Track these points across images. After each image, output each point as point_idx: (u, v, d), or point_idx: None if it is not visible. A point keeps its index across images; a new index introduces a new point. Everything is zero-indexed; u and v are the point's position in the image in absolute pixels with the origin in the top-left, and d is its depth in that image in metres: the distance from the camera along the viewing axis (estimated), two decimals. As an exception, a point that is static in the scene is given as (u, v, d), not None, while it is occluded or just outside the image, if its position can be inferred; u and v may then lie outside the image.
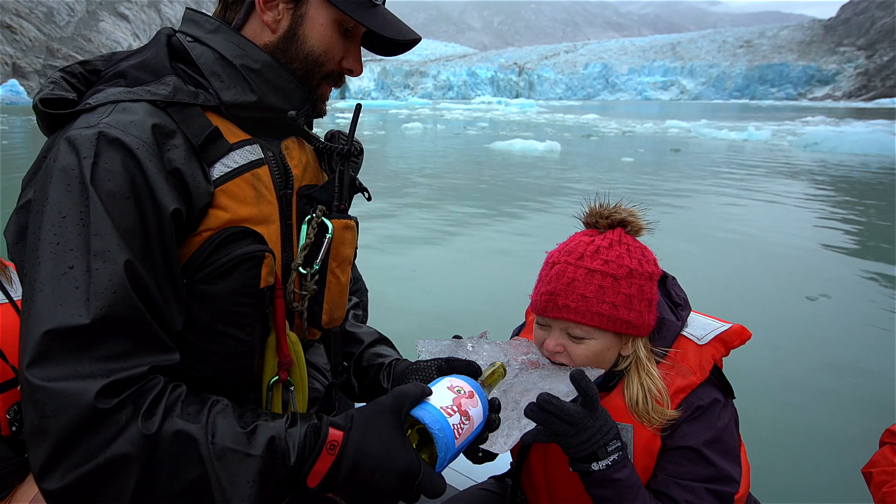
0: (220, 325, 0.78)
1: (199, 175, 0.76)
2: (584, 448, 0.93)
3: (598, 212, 1.09)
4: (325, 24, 0.85)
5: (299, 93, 0.88)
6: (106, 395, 0.64)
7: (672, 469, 1.00)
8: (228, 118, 0.83)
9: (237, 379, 0.83)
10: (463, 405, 0.76)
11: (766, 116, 49.44)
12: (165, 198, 0.71)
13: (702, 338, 1.05)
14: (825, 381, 3.60)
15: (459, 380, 0.80)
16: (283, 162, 0.88)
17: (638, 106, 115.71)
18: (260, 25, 0.86)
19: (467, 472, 1.61)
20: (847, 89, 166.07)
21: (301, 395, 0.90)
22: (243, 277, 0.77)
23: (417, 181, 12.02)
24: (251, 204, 0.80)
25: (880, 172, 13.69)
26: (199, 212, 0.76)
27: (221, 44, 0.84)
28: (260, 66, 0.84)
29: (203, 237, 0.76)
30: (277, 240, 0.84)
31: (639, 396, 1.00)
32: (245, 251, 0.77)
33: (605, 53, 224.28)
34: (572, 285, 1.01)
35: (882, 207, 9.47)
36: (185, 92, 0.79)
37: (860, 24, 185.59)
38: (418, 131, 28.23)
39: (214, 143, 0.79)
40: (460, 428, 0.74)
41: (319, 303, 0.90)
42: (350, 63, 0.90)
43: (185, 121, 0.77)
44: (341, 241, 0.90)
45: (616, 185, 10.89)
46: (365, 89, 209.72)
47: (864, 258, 6.34)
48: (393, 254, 6.44)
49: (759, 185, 11.37)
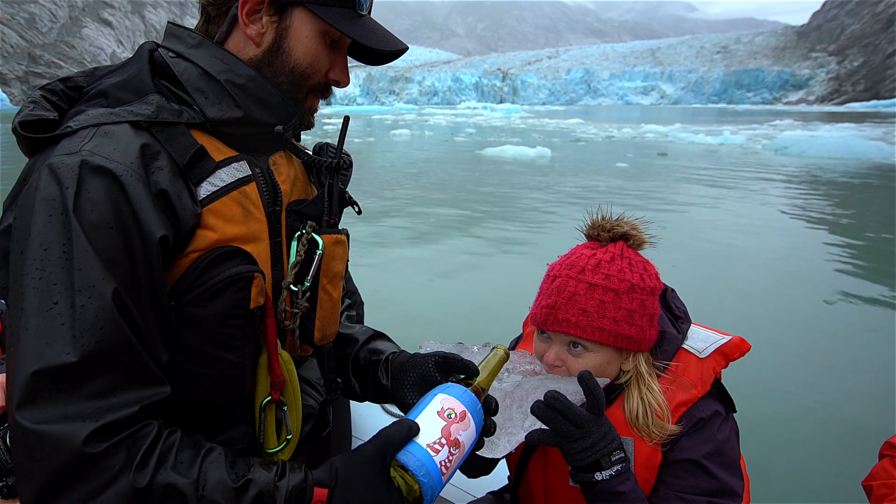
0: (209, 348, 0.76)
1: (185, 196, 0.74)
2: (588, 455, 0.90)
3: (601, 224, 1.08)
4: (310, 36, 0.83)
5: (286, 107, 0.86)
6: (96, 440, 0.63)
7: (674, 483, 0.98)
8: (214, 135, 0.82)
9: (228, 401, 0.81)
10: (452, 434, 0.75)
11: (744, 120, 50.82)
12: (152, 225, 0.70)
13: (702, 350, 1.04)
14: (822, 386, 3.64)
15: (452, 397, 0.78)
16: (272, 178, 0.86)
17: (620, 111, 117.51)
18: (244, 39, 0.84)
19: (465, 487, 1.60)
20: (820, 94, 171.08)
21: (294, 414, 0.88)
22: (233, 299, 0.75)
23: (415, 188, 12.47)
24: (239, 222, 0.79)
25: (854, 174, 14.56)
26: (187, 233, 0.74)
27: (205, 59, 0.82)
28: (245, 81, 0.82)
29: (191, 258, 0.75)
30: (267, 258, 0.83)
31: (639, 410, 0.99)
32: (233, 272, 0.75)
33: (586, 59, 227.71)
34: (573, 300, 1.01)
35: (855, 206, 10.25)
36: (168, 110, 0.77)
37: (831, 30, 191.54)
38: (406, 137, 28.66)
39: (200, 162, 0.77)
40: (448, 462, 0.73)
41: (311, 320, 0.88)
42: (337, 74, 0.89)
43: (170, 140, 0.76)
44: (332, 257, 0.89)
45: (617, 195, 11.01)
46: (350, 95, 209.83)
47: (863, 267, 6.32)
48: (405, 257, 6.66)
49: (744, 188, 12.05)
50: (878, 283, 5.74)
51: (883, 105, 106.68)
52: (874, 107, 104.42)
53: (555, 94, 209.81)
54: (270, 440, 0.85)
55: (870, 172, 14.82)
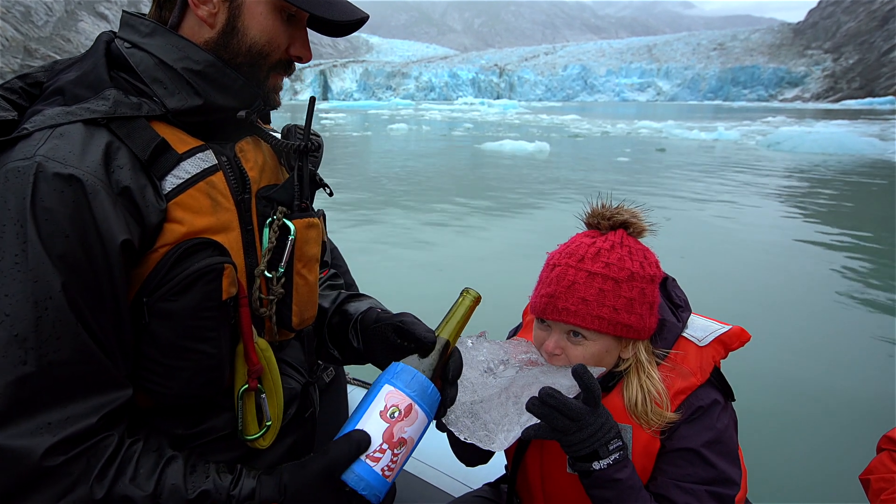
0: (185, 342, 0.76)
1: (149, 191, 0.73)
2: (585, 446, 0.91)
3: (600, 213, 1.07)
4: (264, 12, 0.80)
5: (248, 89, 0.84)
6: (55, 453, 0.63)
7: (672, 471, 0.99)
8: (177, 125, 0.80)
9: (208, 392, 0.81)
10: (396, 434, 0.75)
11: (738, 117, 50.91)
12: (113, 227, 0.68)
13: (702, 339, 1.04)
14: (821, 380, 3.66)
15: (398, 390, 0.78)
16: (239, 165, 0.85)
17: (616, 107, 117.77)
18: (197, 22, 0.81)
19: (462, 479, 1.62)
20: (815, 91, 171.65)
21: (274, 401, 0.87)
22: (203, 291, 0.75)
23: (414, 182, 12.63)
24: (208, 213, 0.78)
25: (846, 170, 14.81)
26: (154, 229, 0.73)
27: (160, 47, 0.79)
28: (202, 67, 0.80)
29: (160, 253, 0.74)
30: (239, 247, 0.82)
31: (637, 398, 1.00)
32: (202, 265, 0.74)
33: (583, 55, 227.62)
34: (573, 288, 1.00)
35: (851, 201, 10.54)
36: (126, 105, 0.75)
37: (827, 27, 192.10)
38: (403, 132, 28.73)
39: (162, 155, 0.76)
40: (391, 464, 0.75)
41: (288, 305, 0.88)
42: (298, 49, 0.86)
43: (130, 135, 0.74)
44: (305, 241, 0.88)
45: (619, 188, 11.08)
46: (347, 90, 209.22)
47: (864, 264, 6.32)
48: (412, 250, 6.77)
49: (740, 182, 12.31)
50: (877, 276, 5.78)
51: (878, 102, 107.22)
52: (869, 104, 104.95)
53: (551, 91, 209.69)
54: (250, 427, 0.85)
55: (863, 168, 15.06)
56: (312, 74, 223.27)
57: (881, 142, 19.30)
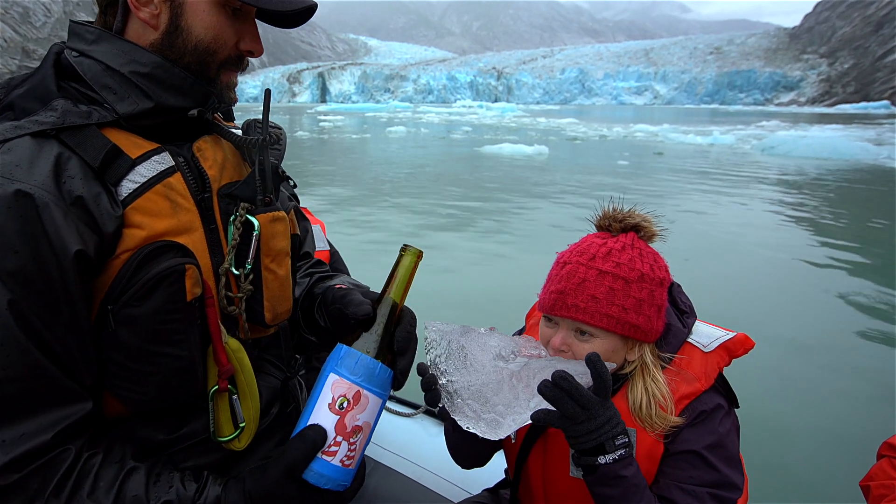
0: (153, 346, 0.75)
1: (103, 199, 0.72)
2: (592, 438, 0.90)
3: (612, 215, 1.08)
4: (207, 9, 0.79)
5: (199, 87, 0.83)
6: (8, 472, 0.63)
7: (675, 474, 0.99)
8: (131, 130, 0.79)
9: (183, 395, 0.80)
10: (349, 425, 0.74)
11: (733, 121, 51.26)
12: (65, 239, 0.68)
13: (707, 345, 1.05)
14: (820, 386, 3.65)
15: (343, 378, 0.76)
16: (197, 165, 0.84)
17: (614, 110, 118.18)
18: (141, 25, 0.80)
19: (461, 484, 1.61)
20: (811, 95, 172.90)
21: (248, 402, 0.85)
22: (166, 294, 0.74)
23: (414, 185, 12.79)
24: (167, 216, 0.77)
25: (840, 174, 15.04)
26: (111, 236, 0.72)
27: (106, 53, 0.78)
28: (150, 69, 0.79)
29: (122, 259, 0.73)
30: (204, 247, 0.81)
31: (642, 401, 1.00)
32: (163, 267, 0.73)
33: (581, 59, 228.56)
34: (583, 286, 1.01)
35: (842, 205, 10.78)
36: (75, 113, 0.75)
37: (822, 32, 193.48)
38: (402, 134, 28.96)
39: (114, 161, 0.75)
40: (350, 453, 0.74)
41: (259, 301, 0.87)
42: (248, 44, 0.85)
43: (81, 144, 0.73)
44: (271, 235, 0.87)
45: (621, 192, 11.04)
46: (345, 93, 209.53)
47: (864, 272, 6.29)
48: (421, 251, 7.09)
49: (737, 186, 12.52)
50: (875, 282, 5.79)
51: (873, 107, 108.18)
52: (864, 108, 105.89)
53: (549, 94, 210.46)
54: (224, 428, 0.84)
55: (856, 173, 15.28)
56: (311, 77, 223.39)
57: (875, 146, 19.59)
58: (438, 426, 1.83)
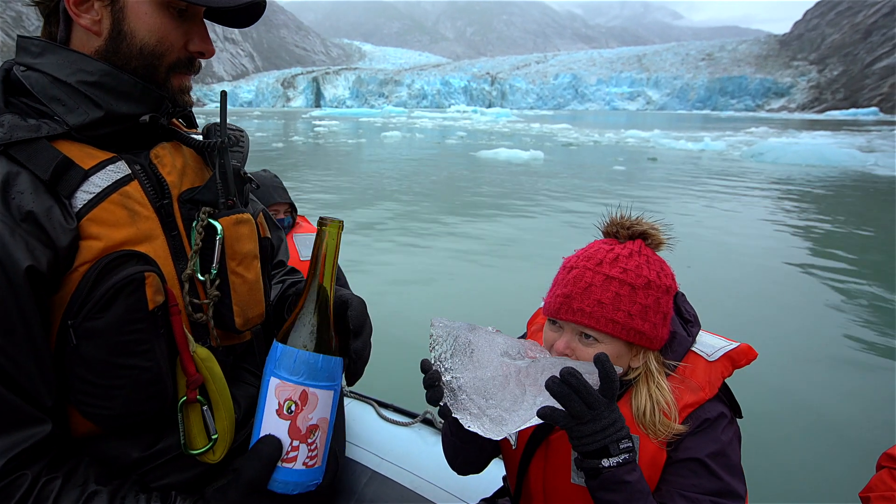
0: (117, 359, 0.72)
1: (55, 212, 0.71)
2: (596, 439, 0.89)
3: (620, 222, 1.09)
4: (149, 11, 0.77)
5: (150, 93, 0.80)
6: None
7: (677, 481, 0.98)
8: (84, 141, 0.78)
9: (152, 408, 0.77)
10: (302, 427, 0.70)
11: (723, 127, 51.42)
12: (14, 256, 0.66)
13: (711, 354, 1.05)
14: (819, 396, 3.65)
15: (284, 381, 0.71)
16: (155, 172, 0.82)
17: (607, 116, 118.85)
18: (84, 33, 0.78)
19: (459, 494, 1.60)
20: (801, 101, 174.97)
21: (221, 412, 0.81)
22: (127, 304, 0.71)
23: (411, 191, 12.89)
24: (126, 225, 0.75)
25: (828, 181, 15.34)
26: (67, 249, 0.70)
27: (52, 65, 0.77)
28: (97, 78, 0.77)
29: (80, 272, 0.71)
30: (166, 254, 0.79)
31: (646, 407, 1.00)
32: (121, 277, 0.71)
33: (574, 64, 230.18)
34: (589, 290, 1.01)
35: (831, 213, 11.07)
36: (24, 127, 0.73)
37: (812, 39, 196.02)
38: (397, 139, 29.10)
39: (66, 173, 0.73)
40: (311, 453, 0.71)
41: (228, 306, 0.85)
42: (197, 45, 0.83)
43: (31, 158, 0.72)
44: (236, 238, 0.85)
45: (622, 198, 11.35)
46: (340, 97, 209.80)
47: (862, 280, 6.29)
48: (407, 258, 6.83)
49: (730, 192, 12.77)
50: (869, 288, 5.83)
51: (862, 113, 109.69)
52: (853, 115, 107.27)
53: (543, 99, 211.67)
54: (196, 440, 0.80)
55: (844, 179, 15.57)
56: (305, 81, 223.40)
57: (862, 154, 19.92)
58: (435, 435, 1.81)
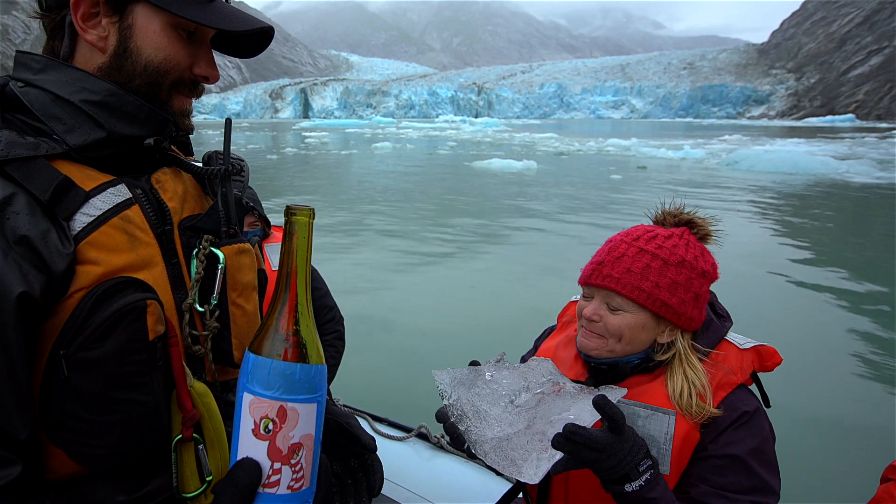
0: (113, 392, 0.67)
1: (52, 235, 0.66)
2: (616, 471, 0.92)
3: (668, 211, 1.14)
4: (158, 30, 0.75)
5: (155, 115, 0.78)
6: None
7: (715, 480, 0.98)
8: (83, 162, 0.74)
9: (146, 446, 0.71)
10: (283, 447, 0.61)
11: (710, 134, 52.58)
12: (6, 280, 0.62)
13: (743, 343, 1.07)
14: (822, 409, 3.64)
15: (258, 397, 0.61)
16: (156, 197, 0.78)
17: (592, 124, 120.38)
18: (89, 49, 0.76)
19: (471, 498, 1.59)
20: (780, 109, 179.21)
21: (217, 452, 0.75)
22: (127, 333, 0.67)
23: (408, 201, 13.12)
24: (125, 250, 0.71)
25: (802, 188, 16.02)
26: (62, 275, 0.66)
27: (53, 82, 0.74)
28: (102, 97, 0.74)
29: (76, 299, 0.66)
30: (165, 282, 0.75)
31: (683, 389, 1.01)
32: (122, 304, 0.67)
33: (559, 74, 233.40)
34: (621, 259, 1.05)
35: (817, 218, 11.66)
36: (22, 145, 0.69)
37: (789, 48, 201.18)
38: (388, 150, 29.37)
39: (67, 194, 0.69)
40: (296, 475, 0.62)
41: (227, 339, 0.80)
42: (203, 69, 0.81)
43: (28, 177, 0.68)
44: (237, 268, 0.81)
45: (622, 204, 11.38)
46: (328, 108, 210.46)
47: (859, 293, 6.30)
48: (409, 272, 6.87)
49: (724, 200, 13.19)
50: (870, 301, 5.84)
51: (839, 120, 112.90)
52: (831, 121, 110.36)
53: (529, 108, 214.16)
54: (189, 483, 0.73)
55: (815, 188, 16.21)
56: (293, 92, 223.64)
57: (835, 161, 20.76)
58: (431, 450, 1.78)
